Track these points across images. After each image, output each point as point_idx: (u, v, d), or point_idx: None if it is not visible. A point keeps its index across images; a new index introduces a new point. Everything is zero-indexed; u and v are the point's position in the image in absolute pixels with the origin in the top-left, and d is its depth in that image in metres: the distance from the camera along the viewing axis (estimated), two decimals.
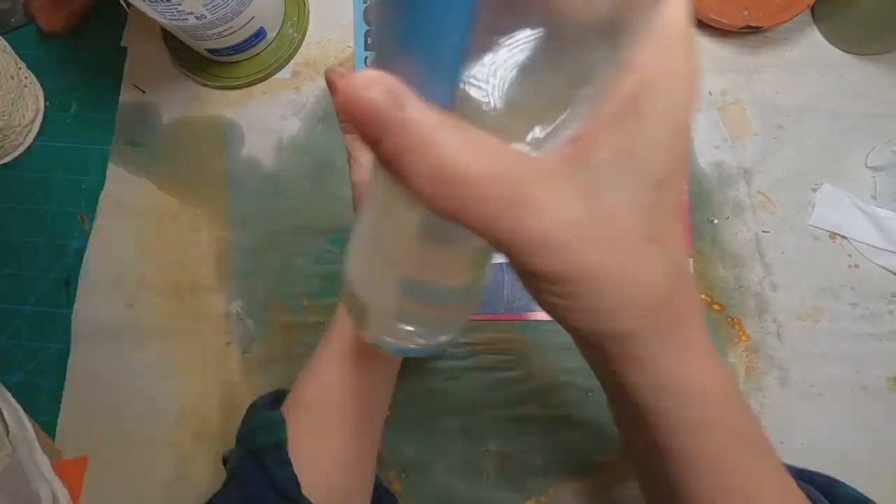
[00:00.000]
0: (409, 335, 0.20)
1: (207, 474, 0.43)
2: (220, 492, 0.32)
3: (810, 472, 0.27)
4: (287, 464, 0.30)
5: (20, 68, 0.47)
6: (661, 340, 0.17)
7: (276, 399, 0.35)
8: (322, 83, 0.47)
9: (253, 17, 0.43)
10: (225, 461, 0.34)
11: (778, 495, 0.21)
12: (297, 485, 0.29)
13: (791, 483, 0.22)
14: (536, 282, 0.16)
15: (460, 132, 0.13)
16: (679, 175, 0.16)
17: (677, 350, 0.18)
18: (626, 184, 0.15)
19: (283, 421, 0.31)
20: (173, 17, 0.39)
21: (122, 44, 0.49)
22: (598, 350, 0.18)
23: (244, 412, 0.35)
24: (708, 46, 0.47)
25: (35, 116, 0.48)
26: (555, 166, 0.14)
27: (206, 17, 0.40)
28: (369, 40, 0.47)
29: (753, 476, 0.20)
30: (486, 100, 0.13)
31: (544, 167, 0.14)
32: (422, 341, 0.21)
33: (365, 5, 0.47)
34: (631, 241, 0.15)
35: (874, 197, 0.44)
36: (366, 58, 0.47)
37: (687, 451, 0.19)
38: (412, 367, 0.43)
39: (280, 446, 0.30)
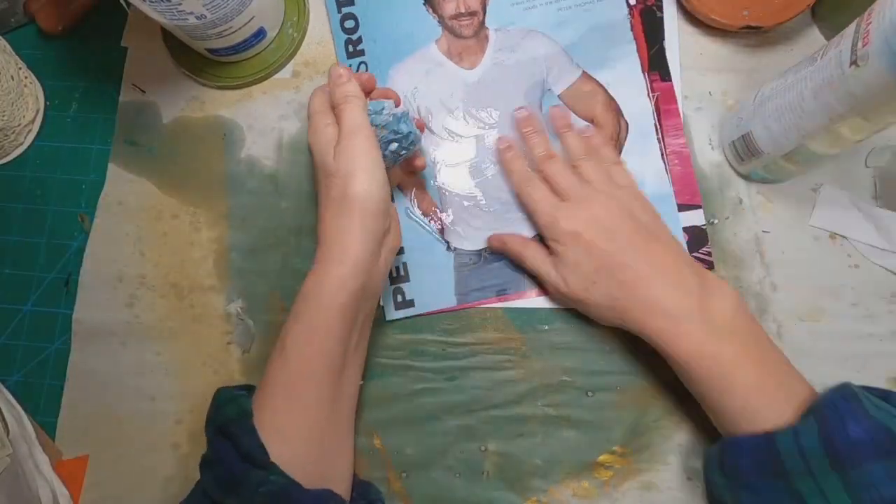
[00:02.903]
0: None
1: None
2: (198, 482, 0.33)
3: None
4: (253, 432, 0.31)
5: (20, 68, 0.47)
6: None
7: (241, 389, 0.36)
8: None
9: (253, 17, 0.43)
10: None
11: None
12: (265, 452, 0.30)
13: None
14: None
15: None
16: None
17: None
18: None
19: (245, 395, 0.33)
20: (173, 17, 0.39)
21: (122, 44, 0.49)
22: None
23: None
24: (708, 46, 0.47)
25: (35, 116, 0.48)
26: None
27: (206, 17, 0.40)
28: (350, 48, 0.47)
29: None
30: None
31: None
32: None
33: (339, 15, 0.47)
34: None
35: (874, 197, 0.44)
36: (353, 66, 0.47)
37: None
38: (411, 366, 0.43)
39: (245, 417, 0.31)
